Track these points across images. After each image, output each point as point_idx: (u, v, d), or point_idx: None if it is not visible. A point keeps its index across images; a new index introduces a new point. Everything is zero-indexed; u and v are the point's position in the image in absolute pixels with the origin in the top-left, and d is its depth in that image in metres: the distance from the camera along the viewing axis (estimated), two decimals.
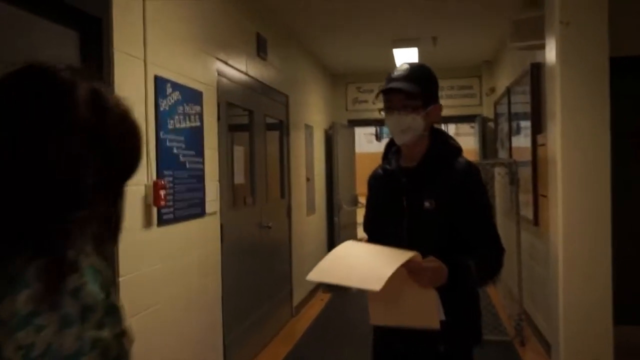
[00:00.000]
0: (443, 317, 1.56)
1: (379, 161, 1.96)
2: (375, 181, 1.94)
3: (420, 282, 1.53)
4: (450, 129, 17.56)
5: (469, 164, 1.80)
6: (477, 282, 1.73)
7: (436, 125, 1.88)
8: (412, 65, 1.79)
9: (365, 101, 7.97)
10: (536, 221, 4.39)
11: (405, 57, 6.39)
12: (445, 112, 7.28)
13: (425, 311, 1.56)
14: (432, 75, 1.81)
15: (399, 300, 1.59)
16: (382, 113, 1.79)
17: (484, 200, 1.80)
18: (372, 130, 19.64)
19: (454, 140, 1.86)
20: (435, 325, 1.55)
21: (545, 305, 4.10)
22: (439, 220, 1.72)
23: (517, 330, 4.59)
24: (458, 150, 1.83)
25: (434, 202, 1.72)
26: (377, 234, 1.83)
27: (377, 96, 1.79)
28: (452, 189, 1.72)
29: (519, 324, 4.59)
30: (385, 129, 20.70)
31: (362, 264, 1.55)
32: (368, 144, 21.60)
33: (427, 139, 1.80)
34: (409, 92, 1.70)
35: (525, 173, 4.63)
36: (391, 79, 1.76)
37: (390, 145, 1.90)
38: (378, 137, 20.39)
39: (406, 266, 1.50)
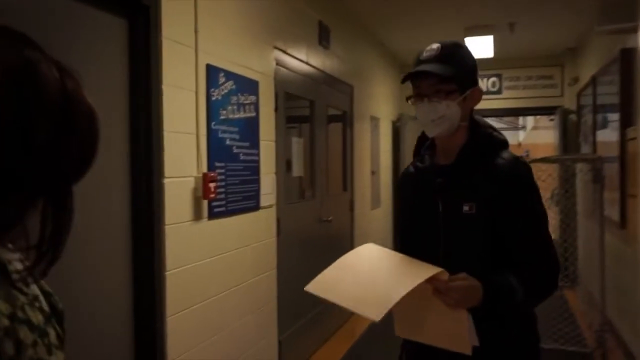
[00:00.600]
0: (476, 343, 1.33)
1: None
2: (407, 182, 1.67)
3: (447, 302, 1.32)
4: (529, 122, 16.69)
5: (516, 159, 1.52)
6: (523, 304, 1.44)
7: (477, 117, 1.60)
8: (444, 43, 1.49)
9: None
10: (623, 223, 3.97)
11: (479, 45, 6.02)
12: (523, 104, 6.84)
13: (454, 334, 1.34)
14: (468, 54, 1.53)
15: (425, 318, 1.39)
16: (410, 101, 1.54)
17: (535, 204, 1.49)
18: None
19: (497, 131, 1.59)
20: (467, 350, 1.33)
21: (633, 315, 3.70)
22: (480, 227, 1.45)
23: (598, 341, 4.19)
24: (503, 143, 1.55)
25: (474, 206, 1.45)
26: (410, 244, 1.59)
27: (403, 82, 1.54)
28: (497, 190, 1.45)
29: (601, 335, 4.18)
30: None
31: (370, 280, 1.33)
32: None
33: (466, 131, 1.53)
34: (441, 75, 1.43)
35: (611, 170, 4.20)
36: (420, 61, 1.48)
37: (423, 139, 1.65)
38: None
39: (431, 283, 1.30)
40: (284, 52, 3.57)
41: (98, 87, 2.03)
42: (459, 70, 1.46)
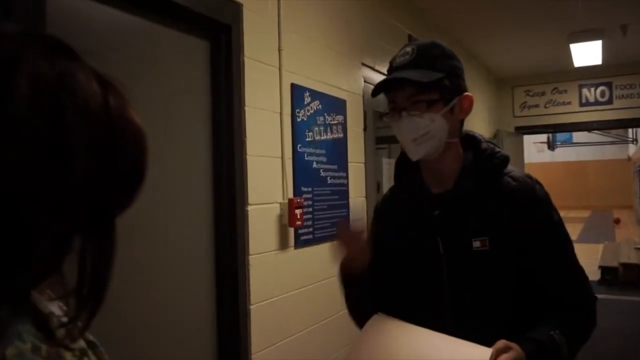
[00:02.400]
0: None
1: (551, 173, 1.41)
2: (387, 214, 1.35)
3: None
4: None
5: (530, 178, 1.23)
6: (566, 357, 1.15)
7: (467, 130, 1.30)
8: (419, 44, 1.22)
9: (536, 106, 7.13)
10: None
11: (585, 52, 5.50)
12: (637, 114, 6.11)
13: None
14: (451, 55, 1.23)
15: None
16: (386, 119, 1.25)
17: (561, 229, 1.23)
18: (543, 138, 17.96)
19: (498, 146, 1.28)
20: None
21: None
22: (498, 267, 1.17)
23: None
24: (507, 159, 1.25)
25: (487, 241, 1.17)
26: (398, 295, 1.26)
27: (374, 95, 1.25)
28: (513, 218, 1.18)
29: None
30: (562, 136, 18.76)
31: None
32: (538, 154, 19.84)
33: (458, 149, 1.26)
34: (419, 81, 1.16)
35: None
36: (393, 68, 1.21)
37: (403, 161, 1.33)
38: (551, 146, 18.53)
39: None
40: (372, 68, 3.39)
41: (179, 111, 1.95)
42: (441, 75, 1.18)
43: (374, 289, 1.32)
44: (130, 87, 1.82)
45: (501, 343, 1.05)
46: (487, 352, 1.03)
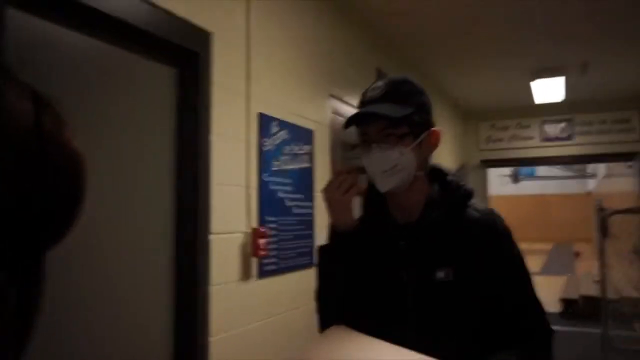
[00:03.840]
0: None
1: (516, 206, 1.44)
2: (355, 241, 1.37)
3: None
4: (600, 170, 15.81)
5: (492, 211, 1.28)
6: None
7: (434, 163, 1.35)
8: (391, 80, 1.27)
9: (500, 140, 7.30)
10: None
11: (548, 88, 5.70)
12: (596, 150, 6.29)
13: None
14: (420, 90, 1.29)
15: None
16: (356, 151, 1.30)
17: (523, 262, 1.28)
18: (507, 171, 18.40)
19: (461, 179, 1.33)
20: None
21: None
22: (461, 297, 1.20)
23: None
24: (471, 193, 1.30)
25: (451, 272, 1.20)
26: (363, 323, 1.22)
27: (346, 127, 1.27)
28: (476, 250, 1.22)
29: None
30: (525, 170, 19.25)
31: None
32: (503, 186, 20.27)
33: (424, 182, 1.30)
34: (389, 116, 1.20)
35: None
36: (365, 102, 1.26)
37: (370, 193, 1.34)
38: (515, 179, 18.99)
39: None
40: (340, 100, 3.42)
41: (144, 138, 1.92)
42: (412, 110, 1.22)
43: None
44: (94, 113, 1.77)
45: None
46: None
